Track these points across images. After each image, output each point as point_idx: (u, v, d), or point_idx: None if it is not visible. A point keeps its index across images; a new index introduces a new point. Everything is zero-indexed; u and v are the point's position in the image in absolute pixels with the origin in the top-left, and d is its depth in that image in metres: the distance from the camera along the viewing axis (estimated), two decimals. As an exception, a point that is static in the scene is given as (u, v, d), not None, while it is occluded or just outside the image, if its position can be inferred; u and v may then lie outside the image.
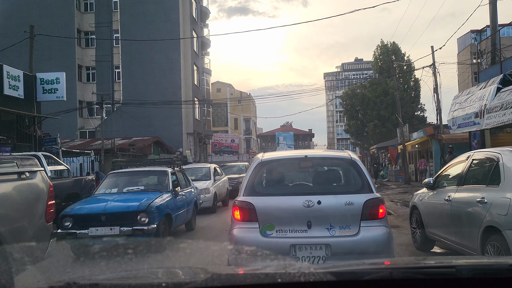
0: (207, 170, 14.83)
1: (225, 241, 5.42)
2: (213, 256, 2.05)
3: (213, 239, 9.00)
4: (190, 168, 15.62)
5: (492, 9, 13.71)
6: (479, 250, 4.89)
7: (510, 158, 4.84)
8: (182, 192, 9.24)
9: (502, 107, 10.32)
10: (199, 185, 12.80)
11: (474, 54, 32.87)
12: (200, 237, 9.14)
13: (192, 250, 2.05)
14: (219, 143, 53.05)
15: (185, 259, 1.95)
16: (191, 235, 9.72)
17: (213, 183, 13.87)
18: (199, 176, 14.50)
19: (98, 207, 7.37)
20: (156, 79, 31.95)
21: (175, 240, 7.89)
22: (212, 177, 14.14)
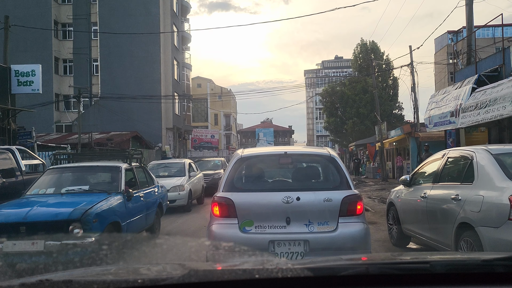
0: (181, 166, 13.99)
1: (203, 238, 5.39)
2: (191, 252, 2.04)
3: (187, 239, 8.90)
4: (163, 163, 15.03)
5: (468, 11, 14.00)
6: (453, 246, 5.00)
7: (484, 156, 4.96)
8: (140, 193, 7.60)
9: (477, 106, 10.57)
10: (172, 181, 12.33)
11: (451, 55, 33.55)
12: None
13: (169, 246, 2.03)
14: (199, 138, 52.82)
15: (162, 255, 1.93)
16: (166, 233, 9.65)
17: (188, 180, 13.10)
18: (172, 172, 13.79)
19: (17, 214, 5.59)
20: (135, 73, 31.52)
21: (151, 236, 7.76)
22: (186, 173, 13.38)
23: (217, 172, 18.02)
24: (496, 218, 4.27)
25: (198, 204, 14.51)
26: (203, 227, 9.09)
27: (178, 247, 2.05)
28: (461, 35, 33.22)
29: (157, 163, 15.41)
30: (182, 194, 12.19)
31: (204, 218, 10.47)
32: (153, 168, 13.69)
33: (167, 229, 9.52)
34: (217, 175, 17.23)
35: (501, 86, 9.92)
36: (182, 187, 12.27)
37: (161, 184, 9.66)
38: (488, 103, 10.02)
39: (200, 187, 14.65)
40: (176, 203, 11.77)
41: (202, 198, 14.81)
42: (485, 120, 10.24)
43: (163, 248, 2.00)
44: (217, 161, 20.97)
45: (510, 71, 10.84)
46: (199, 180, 14.66)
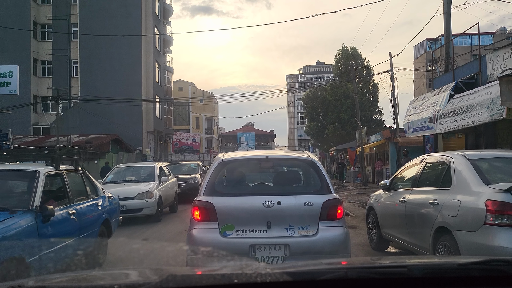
0: (151, 170, 12.47)
1: (182, 242, 5.34)
2: (170, 257, 2.01)
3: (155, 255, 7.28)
4: (130, 167, 13.68)
5: (446, 20, 14.32)
6: (430, 250, 5.08)
7: (461, 162, 5.06)
8: (71, 209, 5.45)
9: (454, 113, 10.79)
10: (139, 187, 11.13)
11: (429, 62, 34.23)
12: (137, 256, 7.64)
13: (148, 251, 2.00)
14: (180, 142, 52.43)
15: (140, 260, 1.90)
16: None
17: (158, 185, 11.68)
18: (141, 176, 12.43)
19: None
20: (116, 75, 31.14)
21: (130, 241, 7.57)
22: (157, 178, 11.95)
23: (193, 177, 16.94)
24: (472, 222, 4.35)
25: (170, 213, 13.16)
26: (173, 240, 8.68)
27: (157, 252, 2.02)
28: (439, 43, 33.97)
29: (123, 166, 13.98)
30: (150, 201, 10.76)
31: (176, 229, 9.89)
32: (119, 172, 12.80)
33: (129, 246, 7.92)
34: (193, 180, 16.45)
35: (477, 93, 10.15)
36: (150, 194, 10.87)
37: (118, 192, 8.27)
38: (465, 110, 10.24)
39: (173, 194, 13.27)
40: (143, 213, 10.59)
41: (175, 206, 13.47)
42: (462, 126, 10.45)
43: (141, 253, 1.97)
44: (193, 164, 19.50)
45: (486, 78, 11.11)
46: (172, 185, 13.34)
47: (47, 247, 4.70)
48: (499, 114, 8.78)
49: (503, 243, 4.01)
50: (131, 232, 9.33)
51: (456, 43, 27.84)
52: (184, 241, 4.65)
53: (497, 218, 4.10)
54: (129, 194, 10.63)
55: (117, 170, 13.14)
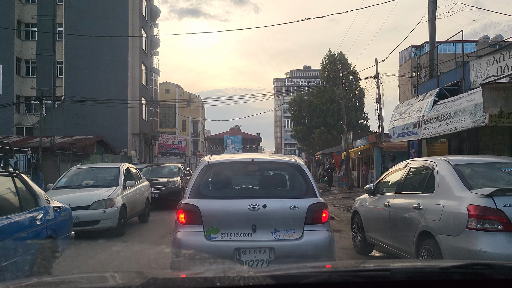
0: (114, 173, 10.43)
1: (166, 245, 5.29)
2: (153, 260, 1.99)
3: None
4: (90, 168, 11.37)
5: (431, 27, 14.54)
6: (414, 254, 5.12)
7: (444, 167, 5.13)
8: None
9: (438, 118, 10.94)
10: (96, 194, 9.21)
11: (414, 68, 34.69)
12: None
13: (133, 254, 1.98)
14: (166, 144, 52.14)
15: (126, 263, 1.87)
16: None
17: (122, 191, 9.80)
18: (102, 180, 10.38)
19: None
20: (102, 76, 30.83)
21: (115, 243, 7.37)
22: (121, 182, 10.00)
23: (172, 180, 15.43)
24: (455, 226, 4.41)
25: (140, 223, 11.24)
26: (135, 262, 6.04)
27: (143, 255, 1.99)
28: (424, 50, 34.48)
29: (81, 168, 11.68)
30: (109, 212, 8.87)
31: (143, 247, 7.65)
32: (75, 175, 10.68)
33: (109, 248, 7.17)
34: (173, 184, 15.15)
35: (461, 99, 10.31)
36: (110, 202, 9.01)
37: (69, 200, 6.85)
38: (448, 116, 10.39)
39: (143, 200, 11.31)
40: (100, 225, 8.70)
41: (146, 215, 11.54)
42: (446, 132, 10.60)
43: (126, 256, 1.94)
44: (173, 167, 17.73)
45: (470, 85, 11.30)
46: (142, 191, 11.34)
47: None
48: (481, 120, 8.94)
49: (485, 247, 4.07)
50: (78, 253, 6.35)
51: (440, 50, 28.31)
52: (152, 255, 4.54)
53: (478, 223, 4.17)
54: (83, 202, 8.71)
55: (73, 172, 10.84)
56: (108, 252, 2.07)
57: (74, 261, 4.15)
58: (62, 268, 1.72)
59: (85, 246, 6.17)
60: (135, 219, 11.14)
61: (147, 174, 15.78)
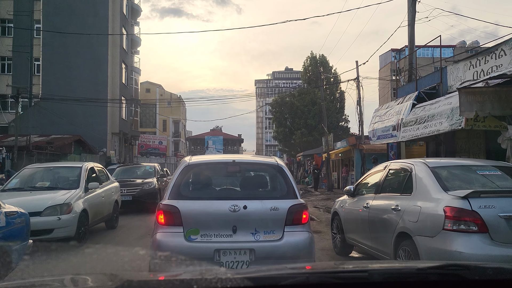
0: (75, 173, 9.14)
1: (146, 247, 5.23)
2: (133, 262, 1.95)
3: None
4: (47, 168, 9.89)
5: (410, 31, 14.78)
6: (392, 255, 5.19)
7: (422, 169, 5.21)
8: None
9: (416, 121, 11.13)
10: (52, 197, 7.93)
11: (394, 71, 35.25)
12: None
13: (111, 256, 1.94)
14: (146, 144, 51.62)
15: (102, 265, 1.83)
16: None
17: (84, 195, 8.56)
18: (60, 182, 9.11)
19: None
20: (81, 74, 30.31)
21: (88, 245, 7.06)
22: (82, 184, 8.75)
23: (147, 182, 14.35)
24: (431, 228, 4.48)
25: (106, 230, 10.12)
26: (110, 264, 5.24)
27: (121, 257, 1.95)
28: (404, 54, 35.04)
29: (35, 167, 10.22)
30: (65, 218, 7.64)
31: (118, 248, 6.66)
32: (28, 175, 9.31)
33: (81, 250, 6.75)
34: (148, 185, 14.10)
35: (438, 103, 10.51)
36: (67, 207, 7.77)
37: (19, 204, 5.80)
38: (426, 119, 10.58)
39: (110, 204, 10.14)
40: (54, 235, 7.45)
41: (114, 220, 10.36)
42: (424, 135, 10.79)
43: (104, 258, 1.90)
44: (149, 167, 16.45)
45: (447, 89, 11.53)
46: (109, 193, 10.17)
47: None
48: (458, 124, 9.13)
49: (460, 248, 4.14)
50: (43, 254, 5.97)
51: (419, 55, 28.82)
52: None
53: (454, 224, 4.24)
54: (34, 208, 7.35)
55: (28, 172, 9.51)
56: (81, 254, 2.01)
57: (44, 263, 3.99)
58: (31, 271, 1.64)
59: (56, 248, 5.94)
60: (102, 225, 10.03)
61: (119, 175, 14.99)
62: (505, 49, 9.34)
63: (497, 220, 4.15)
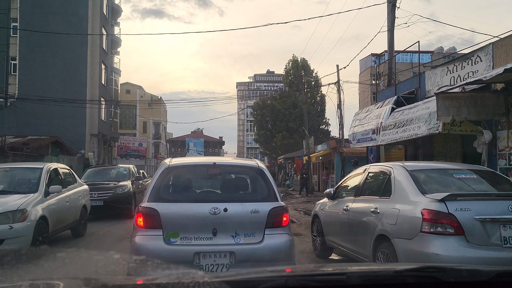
0: (35, 175, 8.18)
1: (124, 250, 5.16)
2: (109, 266, 1.91)
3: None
4: (1, 169, 8.75)
5: (389, 37, 15.02)
6: (371, 257, 5.24)
7: (400, 172, 5.29)
8: None
9: (395, 125, 11.29)
10: (3, 202, 6.99)
11: (374, 76, 35.73)
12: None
13: (88, 259, 1.89)
14: (126, 146, 51.02)
15: (79, 269, 1.78)
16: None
17: (42, 200, 7.57)
18: (18, 185, 8.15)
19: None
20: (59, 75, 29.74)
21: (60, 249, 6.72)
22: (42, 187, 7.78)
23: (121, 185, 13.18)
24: (409, 230, 4.55)
25: (73, 238, 9.30)
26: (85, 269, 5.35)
27: (98, 261, 1.90)
28: (383, 58, 35.56)
29: None
30: (18, 227, 6.74)
31: (95, 252, 5.94)
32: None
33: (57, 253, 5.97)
34: (121, 189, 12.97)
35: (416, 107, 10.70)
36: (20, 214, 6.86)
37: None
38: (405, 123, 10.76)
39: (77, 210, 9.26)
40: (3, 246, 6.52)
41: (81, 227, 9.53)
42: (402, 139, 10.96)
43: (81, 262, 1.84)
44: (123, 169, 15.21)
45: (425, 94, 11.75)
46: (76, 198, 9.27)
47: None
48: (435, 128, 9.31)
49: (437, 250, 4.21)
50: (13, 259, 4.89)
51: (398, 60, 29.23)
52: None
53: (432, 226, 4.31)
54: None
55: None
56: (52, 258, 1.94)
57: (14, 268, 3.85)
58: (1, 278, 1.55)
59: (25, 252, 5.71)
60: (67, 233, 9.20)
61: (90, 178, 13.94)
62: (481, 55, 9.58)
63: (472, 223, 4.24)
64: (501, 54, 8.94)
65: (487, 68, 9.22)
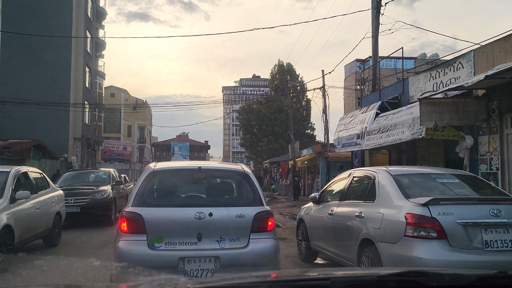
0: (1, 180, 7.43)
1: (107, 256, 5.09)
2: (92, 272, 1.88)
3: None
4: None
5: (374, 43, 15.21)
6: (355, 261, 5.27)
7: (384, 176, 5.34)
8: None
9: (379, 130, 11.41)
10: None
11: (358, 81, 36.09)
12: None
13: (68, 266, 1.86)
14: (110, 150, 50.47)
15: (58, 277, 1.75)
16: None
17: (7, 207, 6.94)
18: None
19: None
20: (42, 77, 29.31)
21: (38, 257, 6.51)
22: (7, 193, 7.17)
23: (100, 190, 12.28)
24: (393, 234, 4.59)
25: (46, 248, 8.65)
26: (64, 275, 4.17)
27: (81, 267, 1.86)
28: (368, 64, 36.00)
29: None
30: None
31: (74, 259, 6.20)
32: None
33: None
34: (100, 194, 12.04)
35: (400, 113, 10.83)
36: None
37: None
38: (389, 128, 10.88)
39: (49, 218, 8.60)
40: None
41: (54, 236, 8.86)
42: (387, 143, 11.08)
43: (63, 269, 1.81)
44: (102, 172, 14.42)
45: (408, 99, 11.91)
46: (48, 204, 8.63)
47: None
48: (419, 133, 9.43)
49: (420, 254, 4.26)
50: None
51: (382, 65, 29.61)
52: None
53: (415, 231, 4.36)
54: None
55: None
56: (30, 266, 1.89)
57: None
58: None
59: (3, 259, 5.50)
60: (39, 242, 8.55)
61: (67, 182, 13.08)
62: (462, 62, 9.76)
63: (454, 227, 4.30)
64: (482, 61, 9.12)
65: (468, 74, 9.40)
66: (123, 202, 13.09)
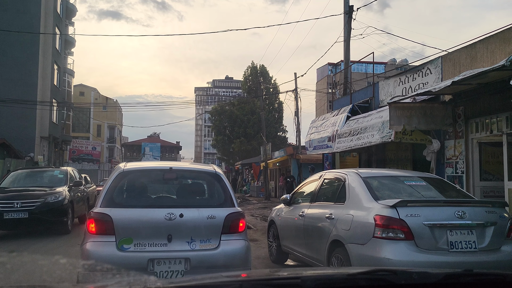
0: None
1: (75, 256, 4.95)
2: (58, 271, 1.82)
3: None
4: None
5: (346, 47, 15.47)
6: (325, 262, 5.32)
7: (354, 179, 5.42)
8: None
9: (350, 133, 11.60)
10: None
11: (330, 84, 36.59)
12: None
13: (32, 265, 1.79)
14: (78, 150, 49.30)
15: (22, 276, 1.69)
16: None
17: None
18: None
19: None
20: (8, 74, 28.27)
21: (9, 254, 6.16)
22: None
23: (54, 192, 10.56)
24: (362, 235, 4.66)
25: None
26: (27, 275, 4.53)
27: (47, 267, 1.80)
28: (340, 68, 36.48)
29: None
30: None
31: (25, 270, 4.56)
32: None
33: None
34: (54, 197, 10.34)
35: (370, 116, 11.05)
36: None
37: None
38: (359, 131, 11.08)
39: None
40: None
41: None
42: (357, 146, 11.27)
43: (28, 269, 1.75)
44: (58, 172, 12.41)
45: (378, 103, 12.17)
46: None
47: None
48: (388, 136, 9.65)
49: (389, 255, 4.34)
50: None
51: (354, 69, 30.19)
52: None
53: (383, 232, 4.44)
54: None
55: None
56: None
57: None
58: None
59: None
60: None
61: (15, 183, 11.37)
62: (430, 68, 10.05)
63: (421, 228, 4.41)
64: (449, 67, 9.42)
65: (436, 80, 9.68)
66: (83, 206, 12.22)
